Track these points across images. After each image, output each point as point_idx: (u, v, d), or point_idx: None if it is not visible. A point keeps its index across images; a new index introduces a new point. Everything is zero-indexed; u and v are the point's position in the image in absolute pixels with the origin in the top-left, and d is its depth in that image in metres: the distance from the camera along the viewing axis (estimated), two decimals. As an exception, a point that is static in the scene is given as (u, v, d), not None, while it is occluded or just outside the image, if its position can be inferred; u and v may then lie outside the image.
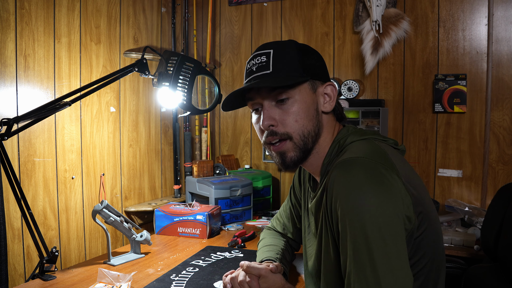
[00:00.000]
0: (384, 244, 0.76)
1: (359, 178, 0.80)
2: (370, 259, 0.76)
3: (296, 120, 0.93)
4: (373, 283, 0.75)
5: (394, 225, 0.78)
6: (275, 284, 1.04)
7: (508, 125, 2.06)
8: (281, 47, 0.95)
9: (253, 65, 0.96)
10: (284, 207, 1.38)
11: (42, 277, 1.31)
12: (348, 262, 0.79)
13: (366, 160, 0.83)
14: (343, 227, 0.80)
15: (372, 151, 0.87)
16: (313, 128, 0.95)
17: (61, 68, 1.80)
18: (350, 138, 0.95)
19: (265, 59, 0.94)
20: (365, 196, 0.78)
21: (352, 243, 0.78)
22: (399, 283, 0.76)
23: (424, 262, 0.86)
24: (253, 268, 1.06)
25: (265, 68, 0.94)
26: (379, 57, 2.23)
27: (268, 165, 2.60)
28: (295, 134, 0.94)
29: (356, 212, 0.77)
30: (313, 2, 2.42)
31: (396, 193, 0.80)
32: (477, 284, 1.40)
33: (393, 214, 0.78)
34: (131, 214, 2.22)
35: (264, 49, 0.96)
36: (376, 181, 0.80)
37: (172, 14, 2.52)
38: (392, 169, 0.83)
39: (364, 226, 0.76)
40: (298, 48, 0.97)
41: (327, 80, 1.00)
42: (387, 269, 0.75)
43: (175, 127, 2.53)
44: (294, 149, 0.95)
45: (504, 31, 2.04)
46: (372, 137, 0.96)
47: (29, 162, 1.67)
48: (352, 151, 0.88)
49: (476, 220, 1.91)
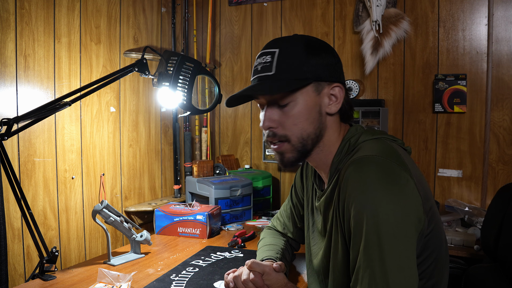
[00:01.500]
0: (396, 242, 0.77)
1: (374, 176, 0.81)
2: (380, 256, 0.77)
3: (295, 124, 0.93)
4: (381, 279, 0.76)
5: (406, 225, 0.79)
6: (278, 282, 1.04)
7: (508, 125, 2.06)
8: (288, 46, 0.93)
9: (259, 64, 0.96)
10: (284, 206, 1.38)
11: (42, 277, 1.31)
12: (358, 258, 0.80)
13: (381, 159, 0.83)
14: (356, 224, 0.80)
15: (386, 150, 0.87)
16: (314, 131, 0.95)
17: (61, 68, 1.80)
18: (363, 137, 0.95)
19: (269, 59, 0.94)
20: (379, 194, 0.79)
21: (364, 240, 0.79)
22: (406, 282, 0.77)
23: (430, 260, 0.87)
24: (257, 265, 1.06)
25: (268, 69, 0.93)
26: (379, 57, 2.23)
27: (268, 165, 2.60)
28: (293, 137, 0.94)
29: (370, 209, 0.78)
30: (313, 2, 2.42)
31: (410, 194, 0.81)
32: (477, 284, 1.40)
33: (406, 213, 0.79)
34: (131, 214, 2.22)
35: (271, 48, 0.95)
36: (391, 180, 0.80)
37: (172, 14, 2.52)
38: (405, 169, 0.83)
39: (377, 223, 0.77)
40: (306, 46, 0.94)
41: (336, 80, 0.97)
42: (395, 267, 0.76)
43: (175, 127, 2.53)
44: (291, 151, 0.96)
45: (504, 31, 2.04)
46: (384, 136, 0.96)
47: (29, 162, 1.67)
48: (365, 150, 0.89)
49: (476, 220, 1.91)
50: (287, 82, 0.92)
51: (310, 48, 0.94)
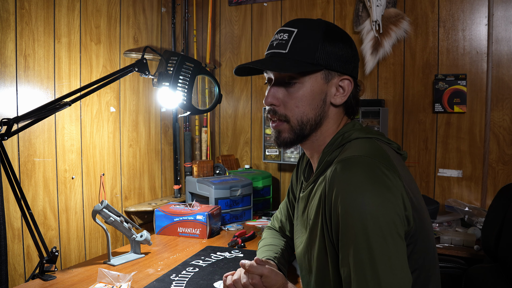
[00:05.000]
0: (385, 243, 0.76)
1: (360, 177, 0.80)
2: (370, 258, 0.76)
3: (297, 106, 0.95)
4: (372, 282, 0.76)
5: (394, 225, 0.78)
6: (277, 283, 1.04)
7: (508, 125, 2.06)
8: (307, 28, 0.94)
9: (275, 40, 0.96)
10: (282, 205, 1.39)
11: (42, 277, 1.31)
12: (348, 260, 0.79)
13: (368, 159, 0.83)
14: (344, 225, 0.80)
15: (375, 150, 0.87)
16: (314, 117, 0.96)
17: (61, 68, 1.80)
18: (356, 134, 0.95)
19: (286, 37, 0.94)
20: (366, 195, 0.78)
21: (353, 242, 0.78)
22: (398, 282, 0.76)
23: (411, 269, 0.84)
24: (255, 268, 1.06)
25: (282, 46, 0.94)
26: (379, 57, 2.23)
27: (268, 165, 2.60)
28: (293, 118, 0.95)
29: (357, 211, 0.78)
30: (313, 2, 2.42)
31: (397, 194, 0.80)
32: (477, 284, 1.40)
33: (394, 214, 0.79)
34: (131, 214, 2.22)
35: (291, 26, 0.95)
36: (378, 181, 0.80)
37: (172, 14, 2.52)
38: (393, 170, 0.83)
39: (365, 225, 0.77)
40: (325, 33, 0.94)
41: (348, 73, 0.97)
42: (386, 268, 0.76)
43: (175, 127, 2.53)
44: (289, 131, 0.97)
45: (504, 31, 2.04)
46: (377, 137, 0.96)
47: (29, 162, 1.67)
48: (354, 149, 0.89)
49: (476, 220, 1.91)
50: (298, 64, 0.92)
51: (329, 35, 0.94)
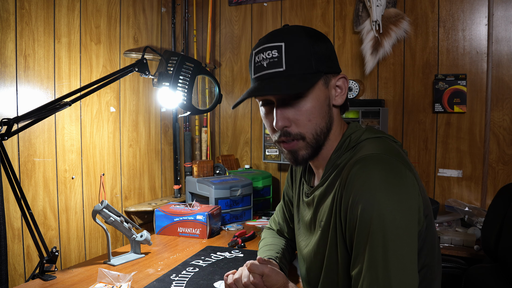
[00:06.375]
0: (400, 243, 0.77)
1: (381, 175, 0.80)
2: (383, 257, 0.76)
3: (309, 120, 0.91)
4: (383, 280, 0.76)
5: (411, 225, 0.79)
6: (278, 282, 1.04)
7: (508, 125, 2.06)
8: (293, 39, 0.89)
9: (264, 60, 0.90)
10: (278, 207, 1.39)
11: (42, 277, 1.31)
12: (362, 257, 0.80)
13: (386, 157, 0.83)
14: (361, 222, 0.79)
15: (390, 149, 0.87)
16: (326, 125, 0.93)
17: (61, 68, 1.80)
18: (365, 134, 0.94)
19: (276, 54, 0.88)
20: (386, 195, 0.78)
21: (369, 239, 0.78)
22: (409, 282, 0.77)
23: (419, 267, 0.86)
24: (256, 267, 1.06)
25: (277, 65, 0.88)
26: (379, 57, 2.23)
27: (268, 165, 2.60)
28: (308, 134, 0.92)
29: (377, 210, 0.78)
30: (313, 2, 2.42)
31: (414, 192, 0.81)
32: (477, 284, 1.40)
33: (412, 214, 0.79)
34: (131, 214, 2.22)
35: (275, 42, 0.89)
36: (398, 180, 0.80)
37: (172, 14, 2.52)
38: (410, 168, 0.83)
39: (383, 224, 0.77)
40: (309, 37, 0.91)
41: (339, 71, 0.96)
42: (398, 268, 0.76)
43: (175, 127, 2.53)
44: (306, 148, 0.93)
45: (504, 31, 2.04)
46: (386, 136, 0.95)
47: (29, 162, 1.67)
48: (369, 148, 0.88)
49: (476, 220, 1.91)
50: (304, 78, 0.88)
51: (312, 38, 0.91)
